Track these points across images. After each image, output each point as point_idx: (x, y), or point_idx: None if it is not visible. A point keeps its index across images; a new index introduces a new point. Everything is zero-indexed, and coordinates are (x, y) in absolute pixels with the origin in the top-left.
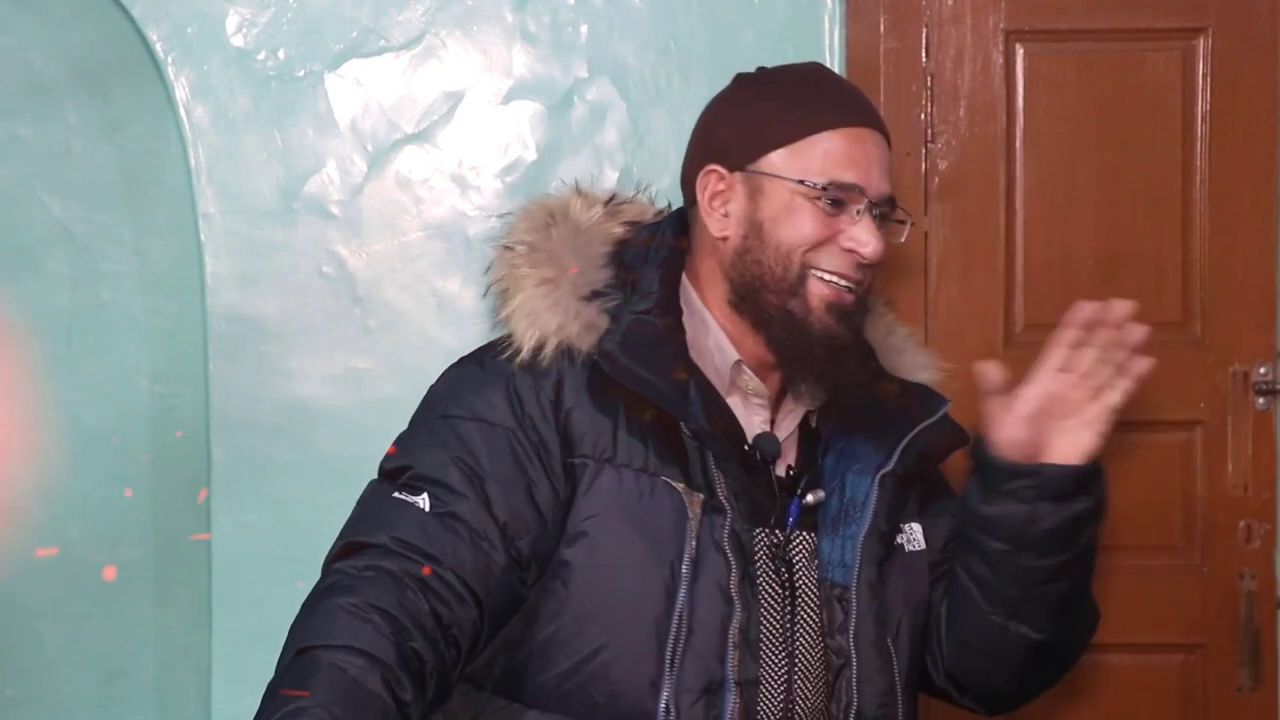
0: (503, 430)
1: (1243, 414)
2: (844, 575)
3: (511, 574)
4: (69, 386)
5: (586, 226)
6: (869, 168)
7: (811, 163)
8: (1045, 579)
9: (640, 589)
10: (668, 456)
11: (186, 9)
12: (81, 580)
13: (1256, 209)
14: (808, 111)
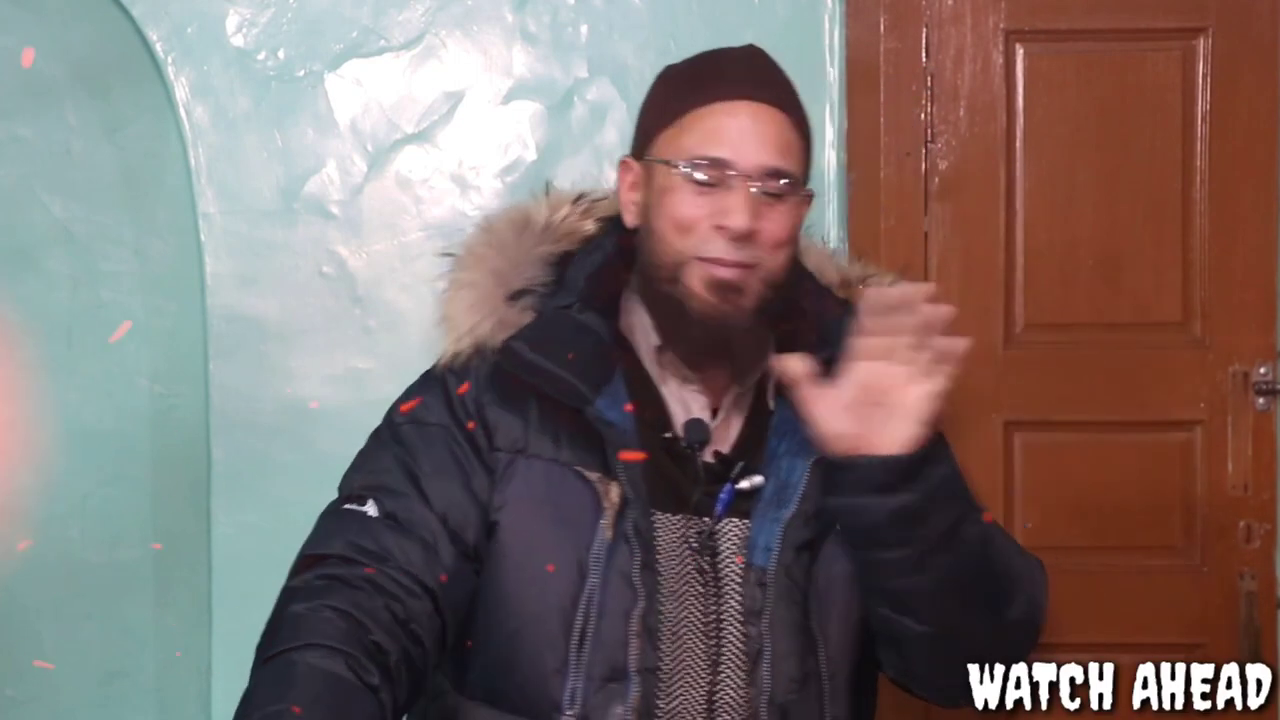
0: (437, 428)
1: (1243, 414)
2: (764, 559)
3: (459, 565)
4: (69, 386)
5: (544, 228)
6: (740, 141)
7: (683, 142)
8: (900, 572)
9: (549, 579)
10: (582, 447)
11: (186, 9)
12: (81, 580)
13: (1256, 209)
14: (686, 92)
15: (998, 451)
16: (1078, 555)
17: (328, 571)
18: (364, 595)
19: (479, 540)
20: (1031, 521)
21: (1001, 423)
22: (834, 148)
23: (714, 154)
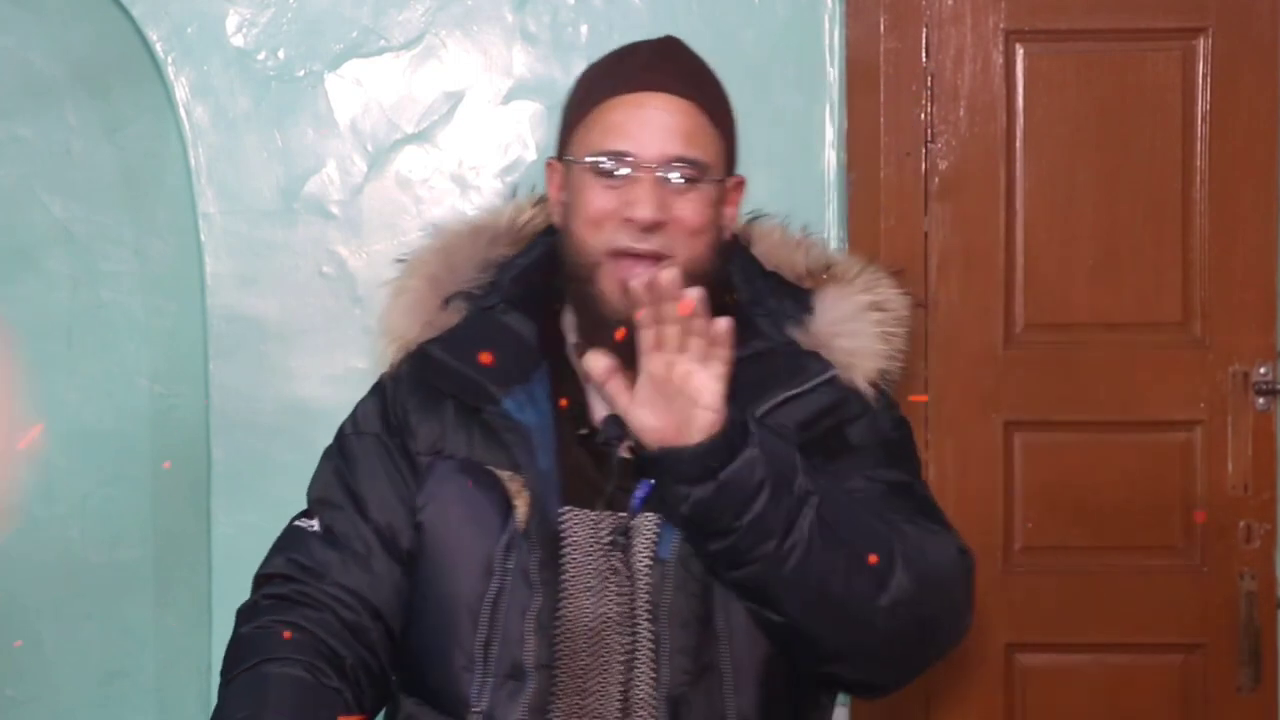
0: (370, 437)
1: (1243, 414)
2: (668, 552)
3: (395, 571)
4: (69, 386)
5: (505, 231)
6: (642, 131)
7: (591, 138)
8: (730, 564)
9: (461, 578)
10: (495, 445)
11: (186, 9)
12: (81, 580)
13: (1256, 209)
14: (594, 88)
15: (998, 451)
16: (1078, 555)
17: (272, 591)
18: (309, 609)
19: (412, 545)
20: (1031, 521)
21: (1001, 423)
22: (834, 148)
23: (617, 146)
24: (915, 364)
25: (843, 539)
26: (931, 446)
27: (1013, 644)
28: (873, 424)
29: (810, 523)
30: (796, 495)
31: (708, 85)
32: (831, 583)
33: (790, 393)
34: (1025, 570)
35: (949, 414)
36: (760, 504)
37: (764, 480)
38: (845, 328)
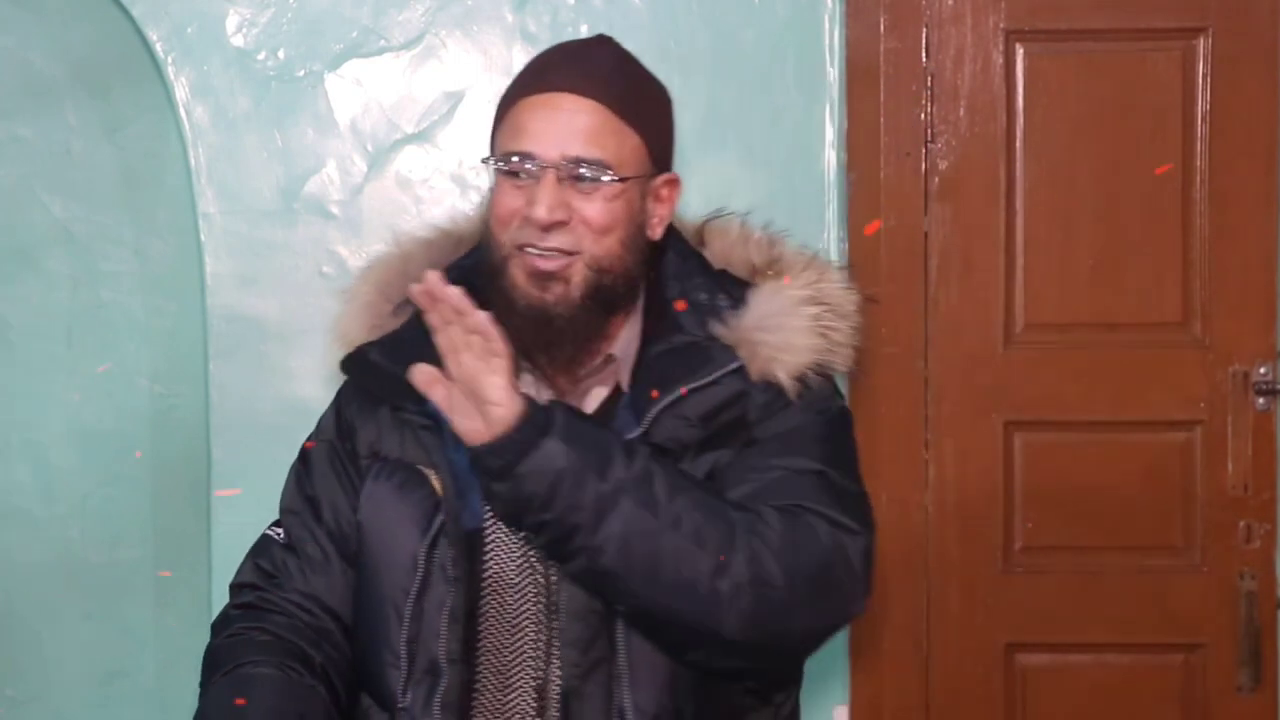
0: (325, 444)
1: (1243, 414)
2: None
3: (350, 574)
4: (69, 386)
5: (468, 237)
6: (543, 132)
7: (502, 139)
8: (559, 557)
9: (392, 575)
10: (426, 445)
11: (186, 9)
12: (81, 580)
13: (1256, 209)
14: (511, 89)
15: (998, 451)
16: (1078, 555)
17: (240, 600)
18: (276, 615)
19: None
20: (1031, 521)
21: (1001, 423)
22: (834, 148)
23: (520, 147)
24: (915, 364)
25: (672, 526)
26: (931, 446)
27: (1013, 644)
28: (787, 416)
29: (628, 512)
30: (612, 485)
31: (620, 84)
32: (661, 571)
33: (693, 384)
34: (1025, 570)
35: (949, 414)
36: (563, 497)
37: (564, 471)
38: (772, 322)
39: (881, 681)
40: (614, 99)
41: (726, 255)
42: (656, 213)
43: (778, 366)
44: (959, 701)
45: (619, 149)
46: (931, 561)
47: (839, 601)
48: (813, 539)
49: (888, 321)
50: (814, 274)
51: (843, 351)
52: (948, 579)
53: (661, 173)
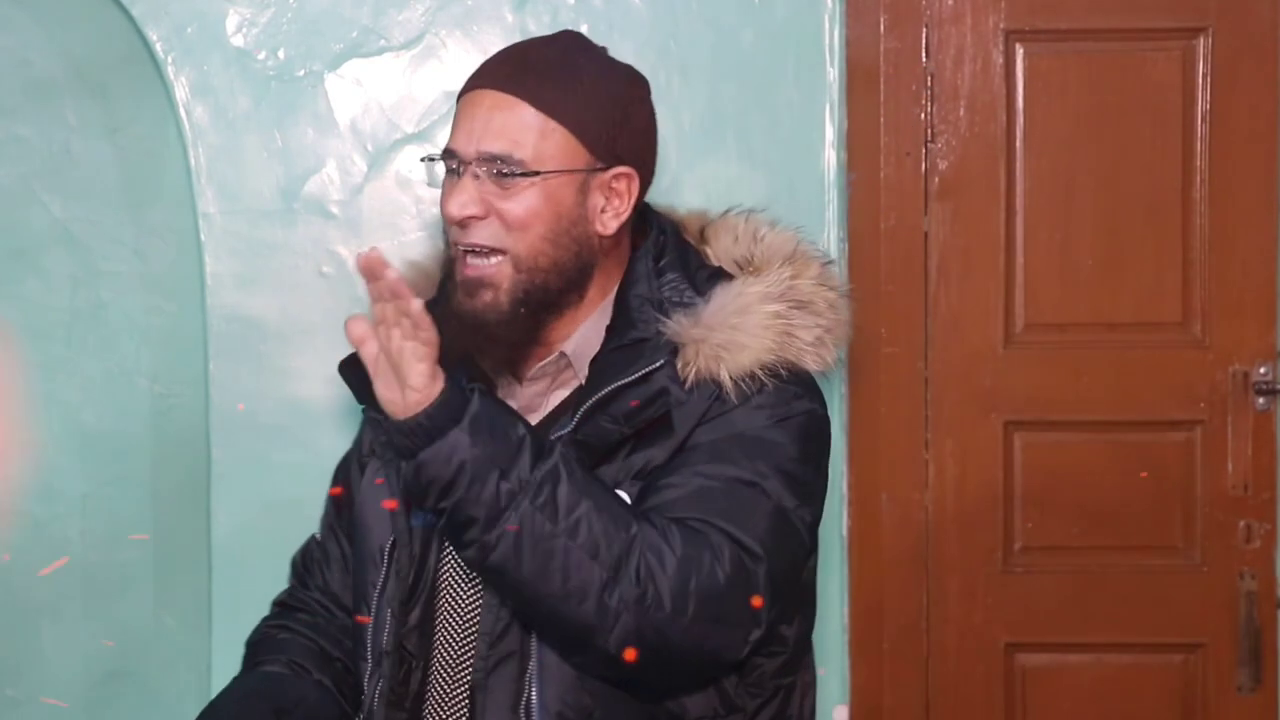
0: (353, 449)
1: (1243, 414)
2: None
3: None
4: (69, 386)
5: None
6: (466, 129)
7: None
8: (454, 545)
9: (366, 572)
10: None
11: (186, 9)
12: (81, 580)
13: (1256, 209)
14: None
15: (998, 451)
16: (1078, 555)
17: (280, 597)
18: (302, 613)
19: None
20: (1031, 522)
21: (1001, 423)
22: (834, 148)
23: (449, 145)
24: (915, 364)
25: (568, 534)
26: (931, 446)
27: (1013, 644)
28: (727, 421)
29: (525, 513)
30: (513, 484)
31: (546, 78)
32: (551, 576)
33: (617, 383)
34: (1025, 570)
35: (949, 414)
36: (461, 489)
37: (465, 464)
38: (722, 319)
39: (881, 681)
40: (533, 93)
41: (723, 252)
42: (607, 207)
43: (720, 365)
44: (959, 701)
45: (538, 143)
46: (931, 561)
47: (727, 635)
48: (711, 562)
49: (888, 321)
50: (791, 270)
51: (815, 351)
52: (948, 579)
53: (612, 166)
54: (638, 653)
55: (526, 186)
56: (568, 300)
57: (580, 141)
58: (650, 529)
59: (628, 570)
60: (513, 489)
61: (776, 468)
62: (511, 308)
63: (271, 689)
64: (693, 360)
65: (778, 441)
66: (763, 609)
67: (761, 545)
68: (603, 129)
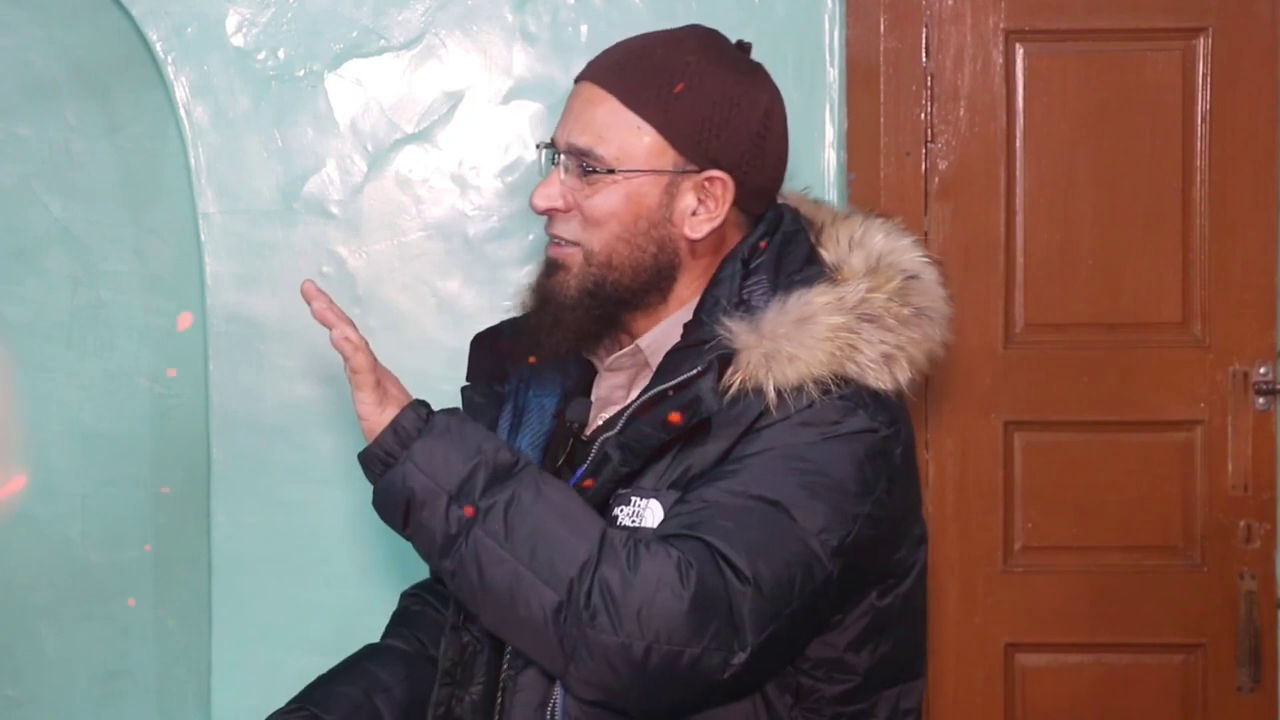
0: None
1: (1243, 414)
2: None
3: None
4: (69, 386)
5: None
6: (563, 119)
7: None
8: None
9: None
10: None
11: (186, 9)
12: (81, 580)
13: (1256, 209)
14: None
15: (998, 451)
16: (1078, 555)
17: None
18: (441, 587)
19: None
20: (1031, 522)
21: (1001, 423)
22: (834, 148)
23: (551, 136)
24: None
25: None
26: (931, 446)
27: (1013, 644)
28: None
29: (476, 539)
30: (460, 510)
31: (641, 75)
32: (502, 604)
33: (660, 387)
34: (1025, 570)
35: (949, 414)
36: (415, 516)
37: (414, 491)
38: (776, 327)
39: None
40: (626, 89)
41: (833, 255)
42: (699, 210)
43: (767, 375)
44: (959, 701)
45: (624, 141)
46: (931, 561)
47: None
48: (675, 581)
49: None
50: (870, 281)
51: (880, 368)
52: (947, 579)
53: (705, 169)
54: (617, 678)
55: (609, 184)
56: (647, 298)
57: (669, 142)
58: (616, 549)
59: (578, 593)
60: (460, 515)
61: (810, 488)
62: (578, 295)
63: (378, 664)
64: (742, 368)
65: (820, 460)
66: (746, 631)
67: (753, 566)
68: (696, 131)
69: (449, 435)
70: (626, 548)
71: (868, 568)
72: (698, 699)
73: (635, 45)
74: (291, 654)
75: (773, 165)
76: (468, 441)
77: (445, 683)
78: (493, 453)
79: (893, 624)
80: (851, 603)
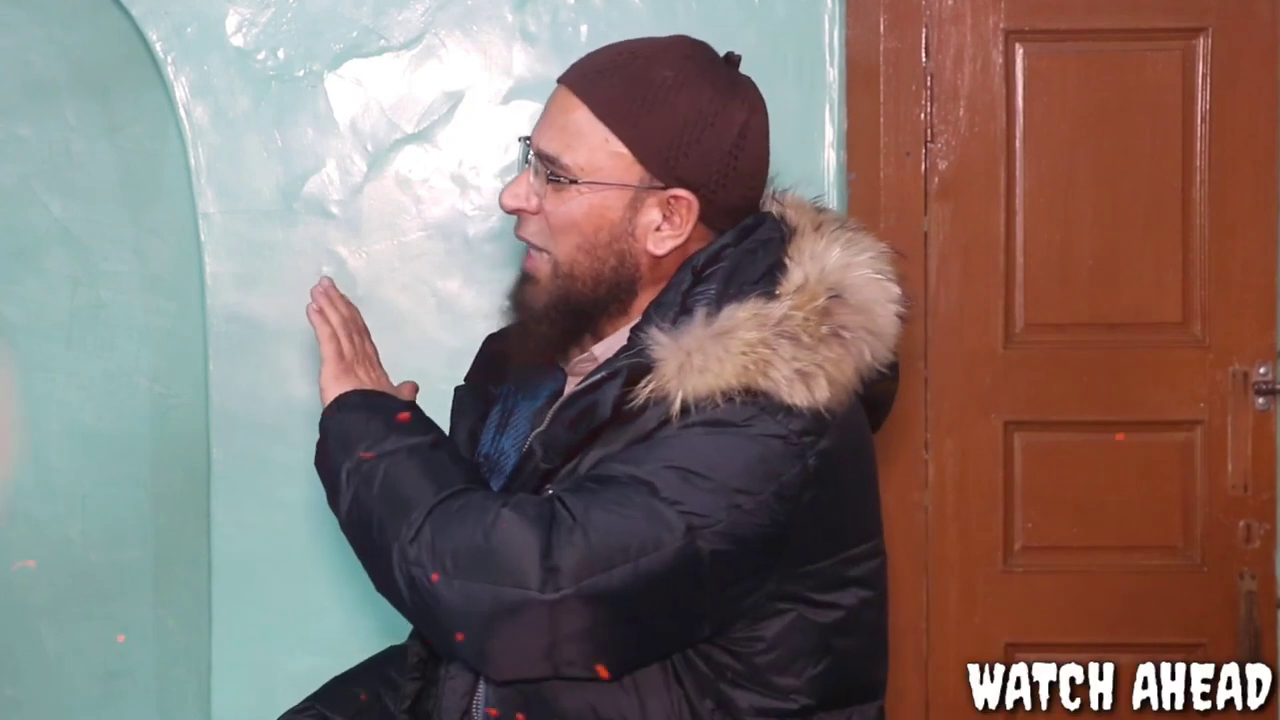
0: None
1: (1243, 414)
2: None
3: None
4: (69, 386)
5: None
6: (540, 121)
7: None
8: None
9: None
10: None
11: (186, 9)
12: (81, 580)
13: (1256, 209)
14: None
15: (998, 451)
16: (1078, 555)
17: None
18: None
19: None
20: (1031, 522)
21: (1001, 423)
22: (834, 148)
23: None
24: (915, 364)
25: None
26: (931, 446)
27: (1013, 644)
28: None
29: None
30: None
31: (617, 87)
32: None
33: (575, 390)
34: (1025, 570)
35: (949, 414)
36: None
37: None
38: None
39: None
40: (599, 99)
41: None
42: (664, 226)
43: (677, 387)
44: (959, 701)
45: (591, 152)
46: (931, 561)
47: (503, 593)
48: (493, 519)
49: None
50: (795, 299)
51: (796, 385)
52: (947, 579)
53: (671, 187)
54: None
55: (573, 193)
56: (609, 308)
57: (636, 157)
58: (457, 499)
59: (405, 536)
60: (350, 468)
61: (684, 470)
62: (546, 308)
63: (395, 665)
64: (656, 376)
65: (706, 450)
66: (563, 570)
67: (585, 513)
68: (665, 148)
69: (355, 404)
70: (470, 499)
71: (775, 576)
72: (545, 647)
73: (616, 53)
74: (291, 654)
75: (746, 183)
76: (363, 410)
77: (414, 677)
78: (376, 420)
79: (832, 643)
80: (767, 615)
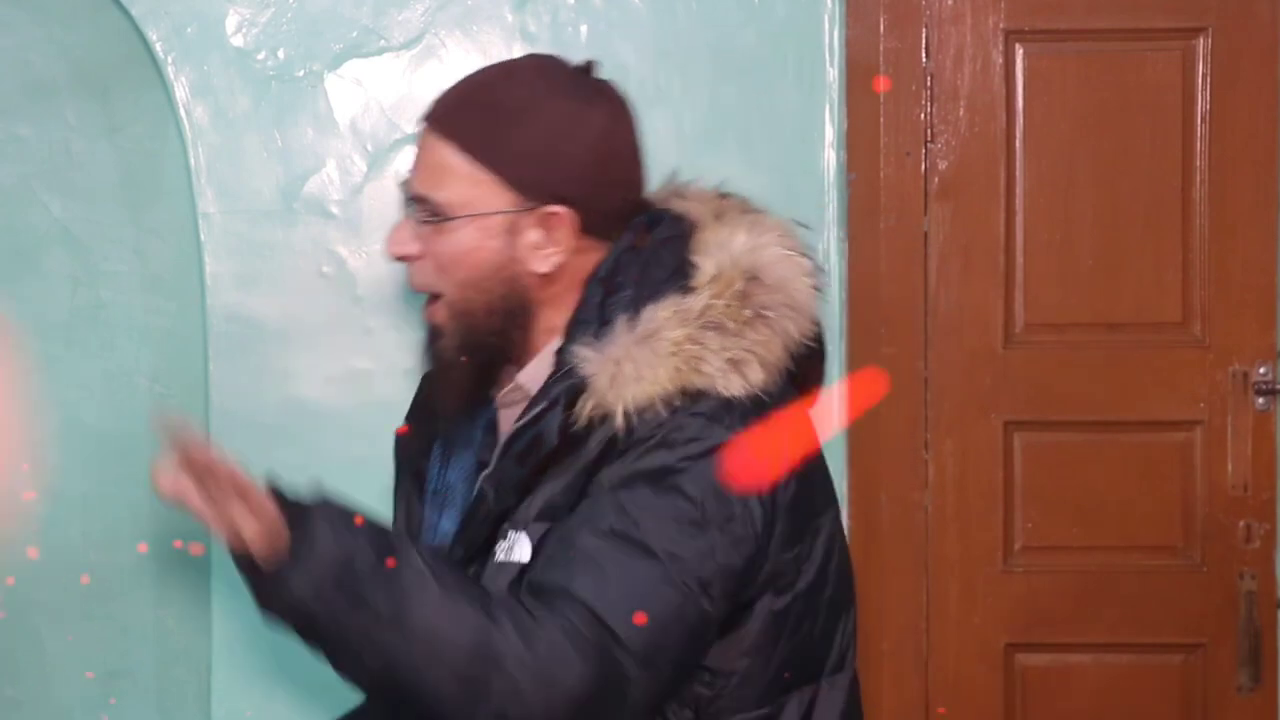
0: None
1: (1243, 414)
2: None
3: None
4: (69, 386)
5: None
6: (413, 165)
7: None
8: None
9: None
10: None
11: (186, 9)
12: (81, 580)
13: (1256, 209)
14: None
15: (998, 451)
16: (1078, 555)
17: None
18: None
19: None
20: (1031, 522)
21: (1001, 423)
22: (834, 148)
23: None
24: (915, 364)
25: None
26: (931, 446)
27: (1013, 644)
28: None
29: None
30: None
31: (470, 117)
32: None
33: (518, 424)
34: (1025, 570)
35: (949, 414)
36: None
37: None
38: (627, 349)
39: (881, 681)
40: (458, 133)
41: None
42: (546, 243)
43: (615, 399)
44: (959, 701)
45: (459, 186)
46: (931, 561)
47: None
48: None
49: (887, 322)
50: (713, 289)
51: (730, 375)
52: (947, 579)
53: (545, 204)
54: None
55: (451, 230)
56: (511, 336)
57: (505, 182)
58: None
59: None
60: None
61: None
62: (455, 351)
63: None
64: (592, 395)
65: (682, 484)
66: (630, 693)
67: (627, 629)
68: (529, 168)
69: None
70: (521, 625)
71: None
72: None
73: (469, 84)
74: (291, 654)
75: (621, 187)
76: (348, 537)
77: None
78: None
79: (793, 623)
80: (749, 611)
